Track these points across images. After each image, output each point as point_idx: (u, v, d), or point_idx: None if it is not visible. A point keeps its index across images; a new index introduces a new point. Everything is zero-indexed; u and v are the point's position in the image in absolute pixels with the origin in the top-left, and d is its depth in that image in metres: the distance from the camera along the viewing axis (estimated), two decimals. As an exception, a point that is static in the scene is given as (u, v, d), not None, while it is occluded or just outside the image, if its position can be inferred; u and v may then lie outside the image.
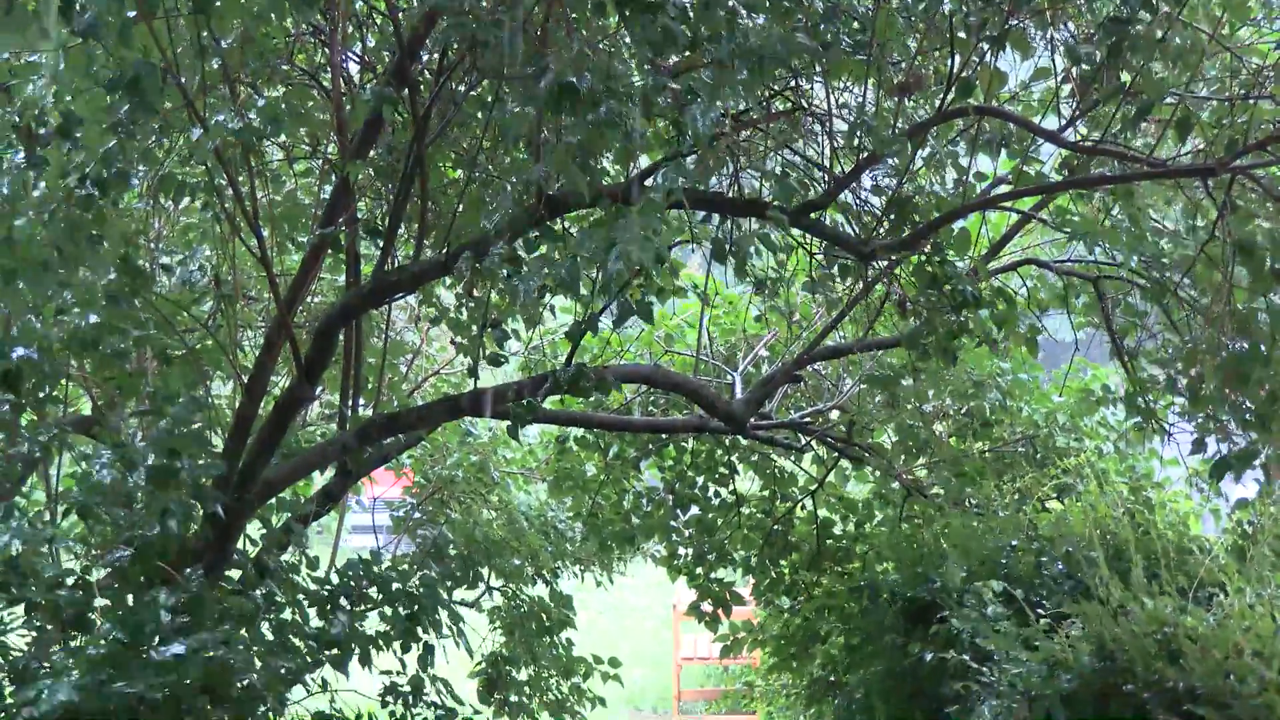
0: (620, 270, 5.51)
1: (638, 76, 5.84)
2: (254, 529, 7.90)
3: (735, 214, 7.42)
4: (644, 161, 7.33)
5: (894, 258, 7.51)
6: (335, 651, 7.30)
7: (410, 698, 7.78)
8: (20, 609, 6.54)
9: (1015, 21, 6.67)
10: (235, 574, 7.30)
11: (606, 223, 5.89)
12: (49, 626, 6.32)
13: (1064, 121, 7.31)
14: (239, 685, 6.12)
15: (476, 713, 7.85)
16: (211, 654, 5.88)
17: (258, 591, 7.15)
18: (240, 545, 7.60)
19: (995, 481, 10.54)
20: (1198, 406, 7.63)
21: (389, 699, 7.79)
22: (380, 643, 7.61)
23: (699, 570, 11.26)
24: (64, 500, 7.62)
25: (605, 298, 7.26)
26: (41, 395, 7.08)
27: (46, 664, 5.87)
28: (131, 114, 5.92)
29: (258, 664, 6.47)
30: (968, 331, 7.55)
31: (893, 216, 7.35)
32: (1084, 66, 6.85)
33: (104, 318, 7.00)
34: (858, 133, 6.84)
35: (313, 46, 8.38)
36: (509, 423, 7.25)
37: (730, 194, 7.45)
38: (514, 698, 11.83)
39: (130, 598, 6.47)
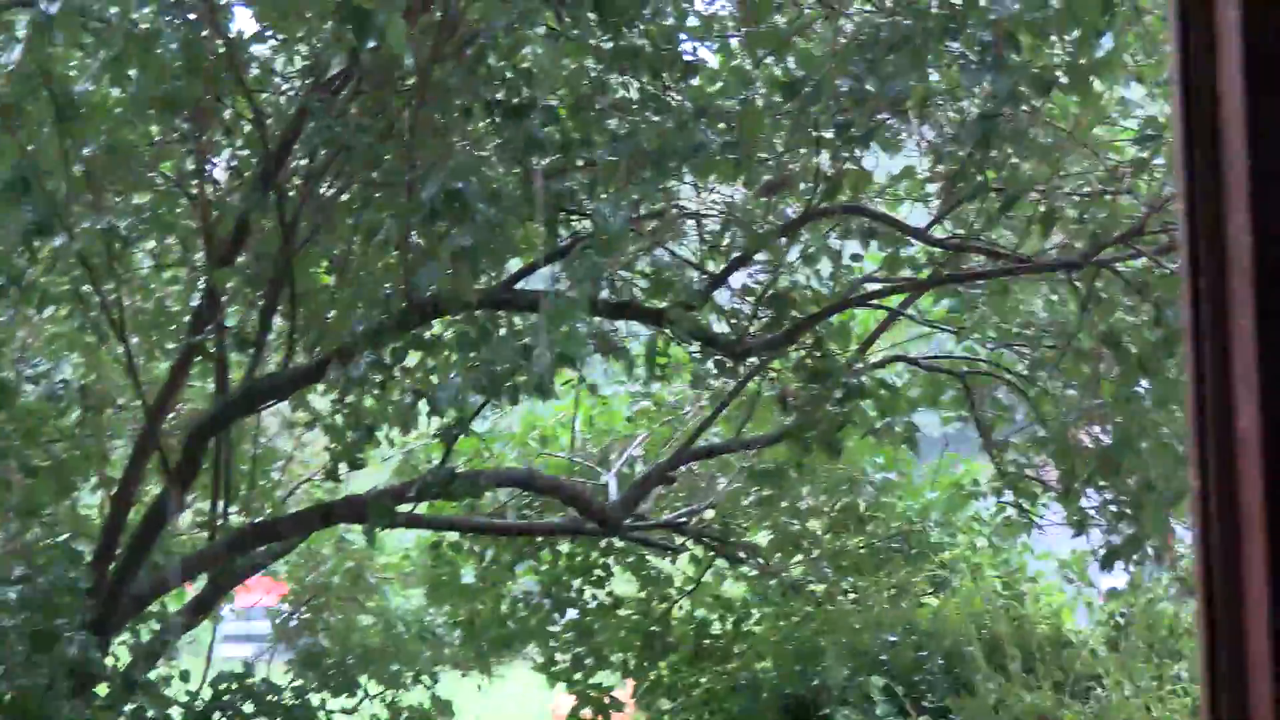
0: (547, 367, 5.48)
1: (508, 182, 5.86)
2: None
3: (640, 320, 7.44)
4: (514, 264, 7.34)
5: (767, 355, 7.55)
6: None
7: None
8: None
9: (883, 117, 6.76)
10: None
11: (479, 328, 5.89)
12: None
13: (931, 218, 7.42)
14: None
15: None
16: None
17: (127, 707, 6.98)
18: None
19: (873, 577, 10.58)
20: (1069, 500, 7.71)
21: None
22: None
23: (577, 676, 11.14)
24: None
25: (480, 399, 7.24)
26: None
27: None
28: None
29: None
30: (852, 423, 7.60)
31: (770, 313, 7.38)
32: (947, 165, 6.96)
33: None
34: (729, 230, 6.89)
35: (179, 154, 8.30)
36: (371, 528, 7.17)
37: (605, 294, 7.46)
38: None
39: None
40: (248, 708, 7.65)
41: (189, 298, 8.61)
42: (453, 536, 11.19)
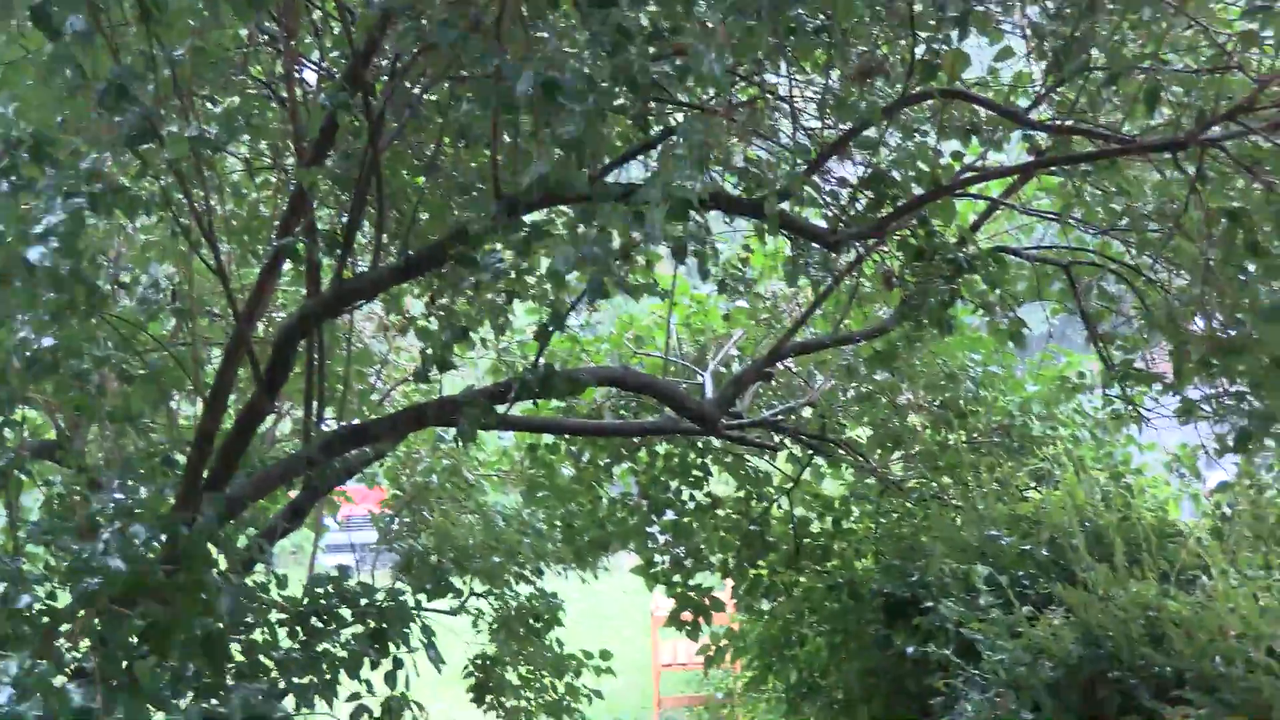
0: (611, 258, 5.38)
1: (600, 72, 5.73)
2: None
3: (735, 214, 7.31)
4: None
5: (864, 247, 7.41)
6: (307, 679, 7.14)
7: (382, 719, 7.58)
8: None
9: (978, 4, 6.57)
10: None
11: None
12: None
13: (1030, 102, 7.23)
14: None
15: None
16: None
17: (226, 613, 6.98)
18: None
19: (973, 472, 10.45)
20: (1182, 382, 7.53)
21: (361, 720, 7.60)
22: (354, 663, 7.44)
23: (676, 578, 11.11)
24: (25, 528, 7.50)
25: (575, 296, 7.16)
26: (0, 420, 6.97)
27: None
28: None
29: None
30: (962, 298, 7.47)
31: (868, 197, 7.23)
32: (1050, 44, 6.75)
33: (61, 340, 6.87)
34: (826, 112, 6.74)
35: (268, 57, 8.24)
36: (467, 431, 7.12)
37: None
38: (509, 701, 11.75)
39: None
40: (345, 612, 7.63)
41: (279, 202, 8.59)
42: (549, 438, 11.18)
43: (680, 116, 7.12)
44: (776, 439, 10.24)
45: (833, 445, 10.17)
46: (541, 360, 7.42)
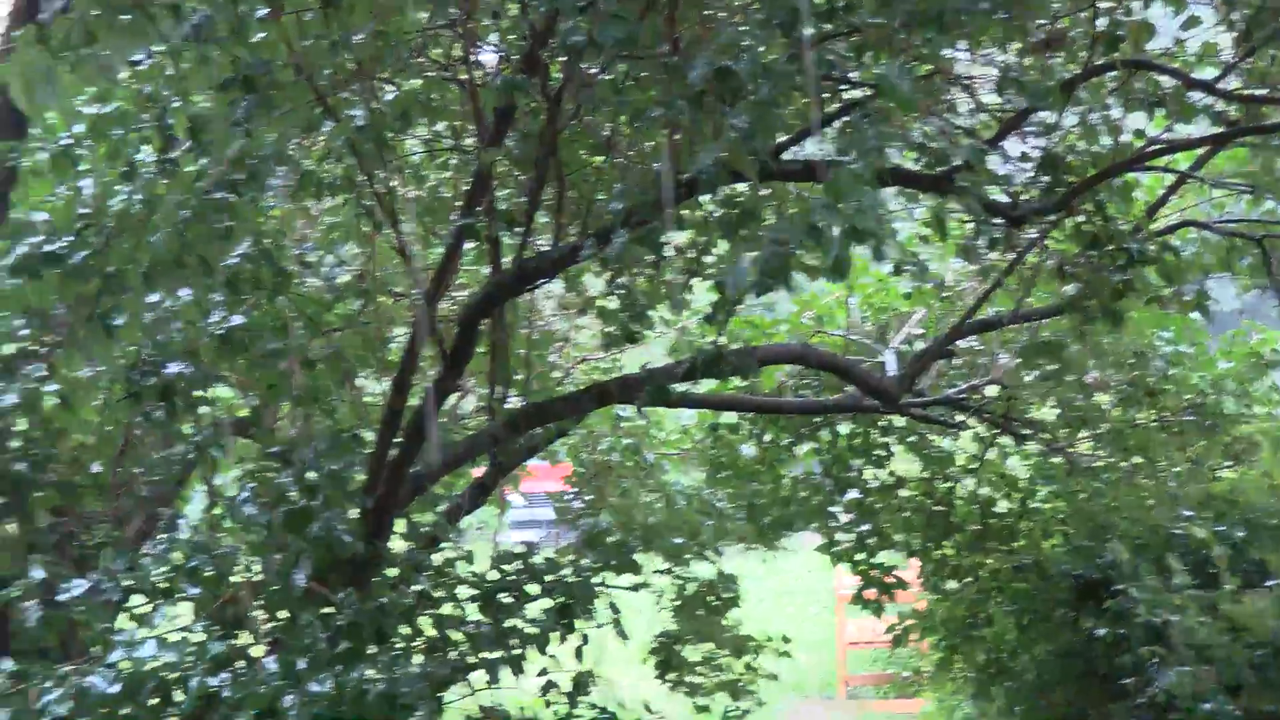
0: (842, 244, 5.30)
1: (772, 54, 5.71)
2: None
3: (927, 190, 7.25)
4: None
5: (1048, 221, 7.30)
6: (495, 653, 7.24)
7: (572, 694, 7.64)
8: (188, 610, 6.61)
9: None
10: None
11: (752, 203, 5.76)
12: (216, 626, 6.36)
13: (1219, 73, 7.07)
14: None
15: (648, 710, 7.69)
16: (370, 687, 5.82)
17: (414, 588, 7.12)
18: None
19: (1165, 451, 10.26)
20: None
21: (549, 695, 7.67)
22: (542, 638, 7.51)
23: (860, 556, 11.05)
24: (221, 503, 7.71)
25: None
26: (194, 397, 7.16)
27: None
28: (248, 113, 5.91)
29: (415, 667, 6.38)
30: (1134, 290, 7.32)
31: (1045, 178, 7.12)
32: (1240, 11, 6.59)
33: (251, 321, 7.05)
34: (1005, 90, 6.64)
35: (447, 40, 8.34)
36: (645, 407, 7.16)
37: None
38: (689, 678, 11.81)
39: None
40: (532, 587, 7.72)
41: (459, 183, 8.69)
42: (730, 418, 11.18)
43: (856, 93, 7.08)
44: (960, 418, 10.13)
45: (1018, 424, 10.04)
46: (718, 340, 7.45)
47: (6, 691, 5.61)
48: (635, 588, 9.05)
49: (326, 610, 6.33)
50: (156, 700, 5.94)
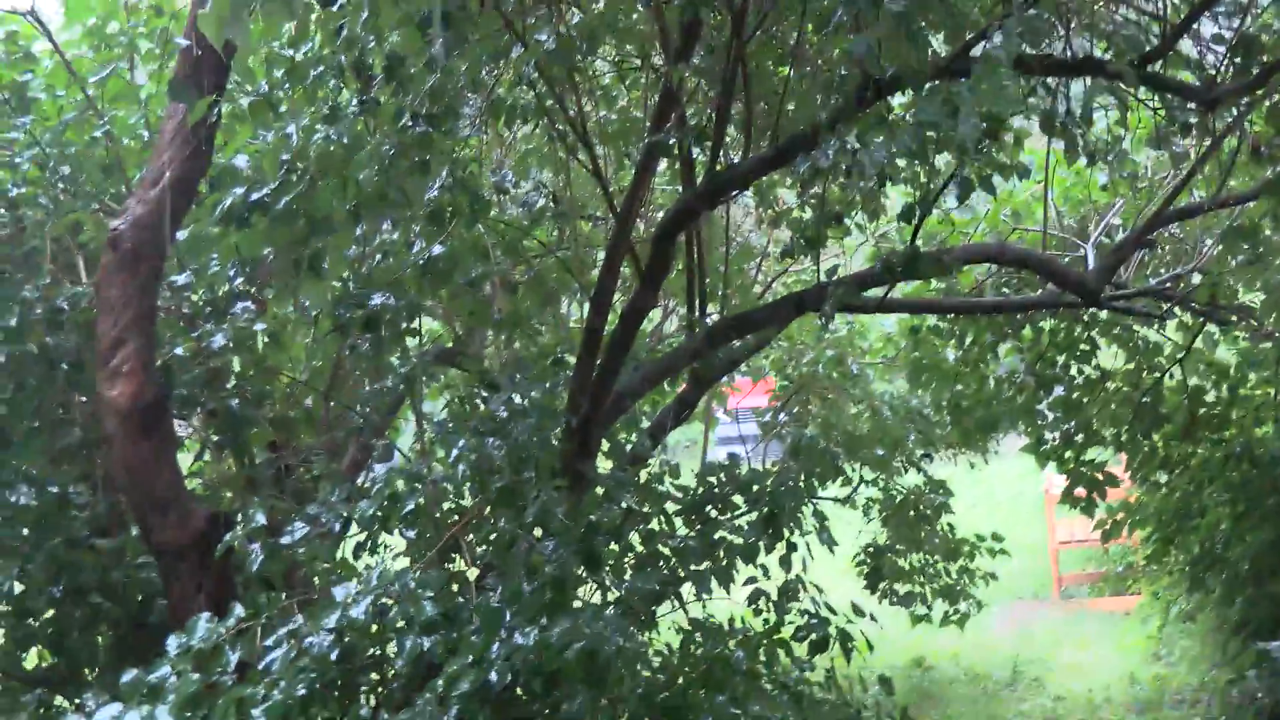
0: (975, 127, 5.31)
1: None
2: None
3: (1076, 74, 7.12)
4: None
5: (1241, 105, 7.14)
6: (703, 566, 7.32)
7: (780, 602, 7.68)
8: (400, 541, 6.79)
9: None
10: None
11: (941, 93, 5.72)
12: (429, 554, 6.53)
13: None
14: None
15: (858, 613, 7.72)
16: (578, 643, 5.94)
17: (622, 505, 7.21)
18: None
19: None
20: None
21: (758, 605, 7.72)
22: (750, 549, 7.57)
23: (1068, 454, 10.95)
24: (431, 430, 7.88)
25: (942, 179, 7.11)
26: (401, 329, 7.33)
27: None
28: (446, 48, 6.01)
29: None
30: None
31: (1238, 60, 6.95)
32: None
33: (450, 249, 7.19)
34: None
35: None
36: (839, 312, 7.15)
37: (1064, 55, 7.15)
38: (903, 588, 11.85)
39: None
40: (737, 499, 7.77)
41: (650, 102, 8.73)
42: (932, 320, 11.14)
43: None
44: (1164, 308, 9.96)
45: (1224, 311, 9.84)
46: (914, 241, 7.43)
47: (236, 633, 5.82)
48: (842, 500, 9.08)
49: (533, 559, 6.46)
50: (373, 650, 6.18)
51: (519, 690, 6.05)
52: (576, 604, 6.46)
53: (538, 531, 6.59)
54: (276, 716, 5.47)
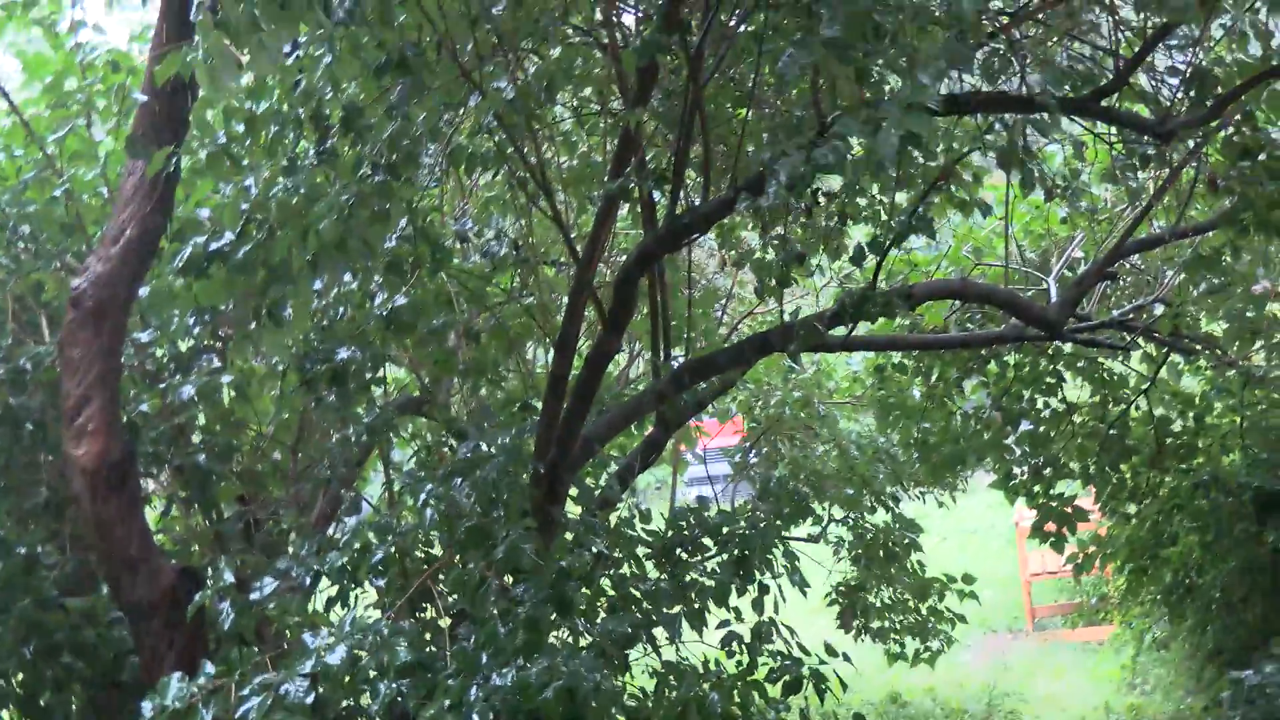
0: (893, 144, 5.35)
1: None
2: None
3: (1005, 110, 7.18)
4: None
5: (1199, 135, 7.20)
6: (675, 609, 7.33)
7: (753, 644, 7.68)
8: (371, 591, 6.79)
9: None
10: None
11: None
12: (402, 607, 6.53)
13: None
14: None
15: (831, 653, 7.74)
16: (556, 682, 5.94)
17: (591, 550, 7.21)
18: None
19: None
20: None
21: (731, 647, 7.72)
22: (721, 592, 7.59)
23: (1036, 489, 10.97)
24: (399, 479, 7.88)
25: (898, 220, 7.15)
26: (366, 379, 7.34)
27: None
28: (405, 95, 6.04)
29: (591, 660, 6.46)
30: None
31: (1191, 93, 7.01)
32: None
33: (414, 298, 7.20)
34: (1146, 6, 6.54)
35: (587, 4, 8.40)
36: (801, 352, 7.18)
37: (1019, 92, 7.20)
38: (875, 623, 11.85)
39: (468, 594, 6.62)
40: (707, 541, 7.79)
41: (609, 147, 8.76)
42: (897, 357, 11.16)
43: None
44: (1128, 339, 10.00)
45: (1188, 341, 9.89)
46: (876, 281, 7.46)
47: (209, 691, 5.81)
48: (812, 538, 9.10)
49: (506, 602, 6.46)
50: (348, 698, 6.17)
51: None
52: (551, 644, 6.46)
53: (509, 579, 6.59)
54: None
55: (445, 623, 6.77)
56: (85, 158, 8.74)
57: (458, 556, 6.70)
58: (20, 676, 7.70)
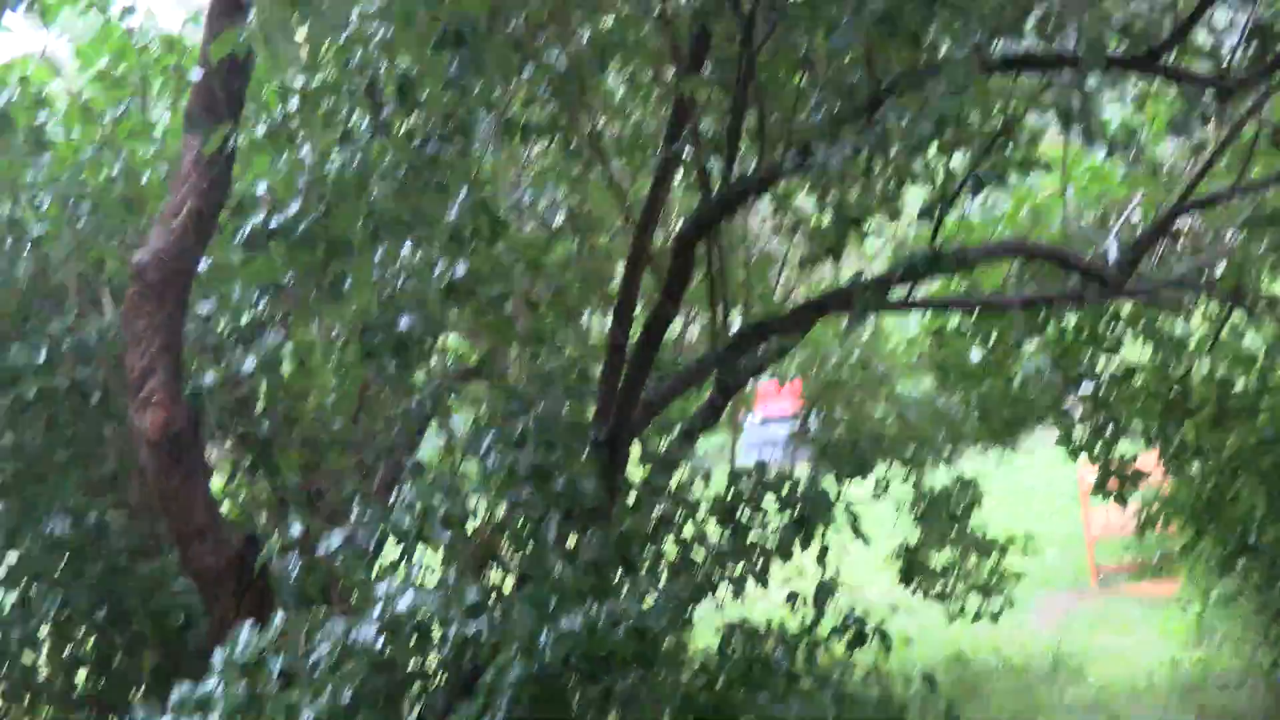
0: (928, 129, 5.35)
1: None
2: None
3: (1048, 68, 7.13)
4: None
5: (1260, 90, 7.13)
6: (738, 568, 7.37)
7: (817, 602, 7.71)
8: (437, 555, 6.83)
9: None
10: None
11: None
12: (465, 570, 6.57)
13: None
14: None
15: (895, 610, 7.78)
16: (620, 619, 5.98)
17: (655, 512, 7.25)
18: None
19: None
20: None
21: (795, 605, 7.74)
22: (783, 550, 7.62)
23: (1098, 448, 10.93)
24: (459, 447, 7.93)
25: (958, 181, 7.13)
26: (426, 349, 7.38)
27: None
28: (460, 70, 6.05)
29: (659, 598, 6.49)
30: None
31: (1251, 48, 6.95)
32: None
33: (472, 268, 7.23)
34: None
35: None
36: (861, 314, 7.18)
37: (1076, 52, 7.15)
38: (936, 584, 11.86)
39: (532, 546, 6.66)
40: (768, 502, 7.81)
41: (661, 114, 8.75)
42: (955, 320, 11.14)
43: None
44: (1189, 298, 9.93)
45: (1250, 299, 9.81)
46: (936, 239, 7.45)
47: (276, 641, 5.88)
48: (875, 496, 9.11)
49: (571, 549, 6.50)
50: (417, 650, 6.23)
51: (568, 678, 6.10)
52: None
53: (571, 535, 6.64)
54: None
55: (509, 584, 6.81)
56: (142, 136, 8.82)
57: (519, 510, 6.74)
58: (93, 641, 7.81)
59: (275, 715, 5.51)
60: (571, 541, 6.61)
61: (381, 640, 5.87)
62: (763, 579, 7.44)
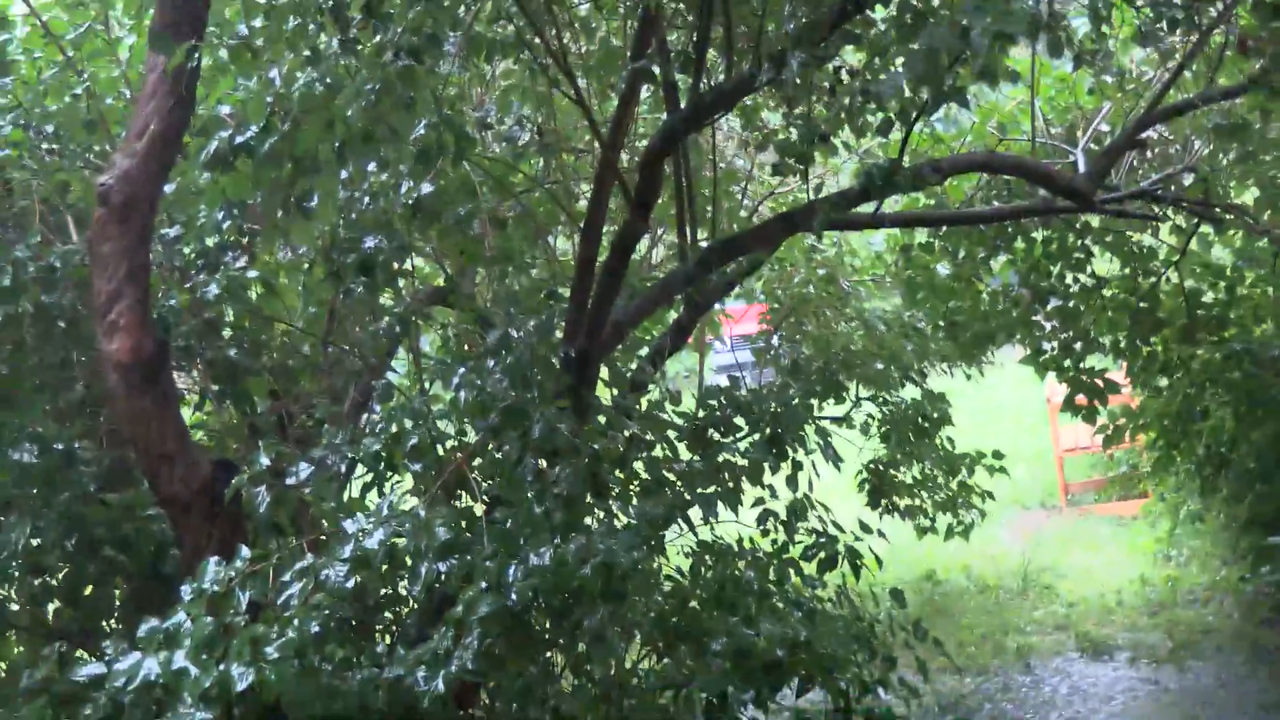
0: (986, 47, 5.31)
1: None
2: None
3: None
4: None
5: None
6: (709, 489, 7.36)
7: (788, 522, 7.71)
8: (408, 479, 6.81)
9: None
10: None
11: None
12: (438, 493, 6.55)
13: None
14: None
15: (865, 530, 7.79)
16: (594, 558, 5.96)
17: (624, 433, 7.23)
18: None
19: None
20: None
21: (766, 525, 7.75)
22: (755, 470, 7.62)
23: (1067, 363, 10.95)
24: (428, 369, 7.90)
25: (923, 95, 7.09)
26: (393, 270, 7.34)
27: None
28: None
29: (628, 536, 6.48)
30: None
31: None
32: None
33: (439, 187, 7.18)
34: None
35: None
36: (826, 229, 7.16)
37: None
38: (904, 501, 11.88)
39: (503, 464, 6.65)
40: (739, 421, 7.80)
41: (627, 30, 8.69)
42: (922, 236, 11.11)
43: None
44: (1157, 210, 9.92)
45: (1218, 210, 9.81)
46: (903, 155, 7.42)
47: (246, 574, 5.86)
48: (841, 419, 9.10)
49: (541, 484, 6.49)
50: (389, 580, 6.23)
51: (537, 612, 6.10)
52: (587, 525, 6.51)
53: (544, 462, 6.62)
54: (291, 653, 5.50)
55: (480, 509, 6.79)
56: (105, 58, 8.71)
57: (491, 441, 6.73)
58: (64, 572, 7.76)
59: (242, 647, 5.49)
60: (543, 468, 6.60)
61: (352, 583, 5.86)
62: (735, 500, 7.44)
